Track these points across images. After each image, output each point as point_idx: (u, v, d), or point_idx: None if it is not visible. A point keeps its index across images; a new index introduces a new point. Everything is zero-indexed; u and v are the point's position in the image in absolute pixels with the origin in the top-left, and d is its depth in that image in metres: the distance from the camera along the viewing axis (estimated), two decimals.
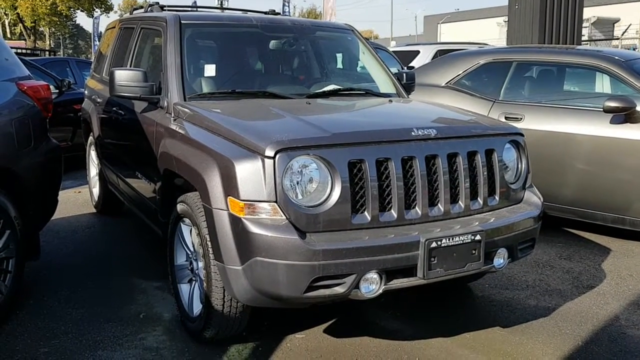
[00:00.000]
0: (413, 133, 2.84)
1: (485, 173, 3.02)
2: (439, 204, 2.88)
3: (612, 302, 3.77)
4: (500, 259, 3.02)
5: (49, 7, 35.33)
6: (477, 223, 2.94)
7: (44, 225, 3.90)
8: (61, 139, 6.44)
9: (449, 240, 2.70)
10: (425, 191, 2.81)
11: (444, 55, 6.27)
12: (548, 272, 4.30)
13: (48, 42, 49.16)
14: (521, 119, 5.10)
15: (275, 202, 2.57)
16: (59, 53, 33.50)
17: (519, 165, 3.29)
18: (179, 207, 3.15)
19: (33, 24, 37.80)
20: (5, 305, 3.32)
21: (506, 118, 5.17)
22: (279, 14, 4.96)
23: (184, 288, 3.28)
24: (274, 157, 2.56)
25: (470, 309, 3.65)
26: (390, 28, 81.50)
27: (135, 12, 4.96)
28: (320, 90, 3.73)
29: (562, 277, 4.18)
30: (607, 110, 4.61)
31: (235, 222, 2.61)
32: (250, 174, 2.58)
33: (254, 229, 2.55)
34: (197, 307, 3.11)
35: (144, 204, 3.95)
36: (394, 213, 2.76)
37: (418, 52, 12.74)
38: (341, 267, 2.56)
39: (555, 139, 4.92)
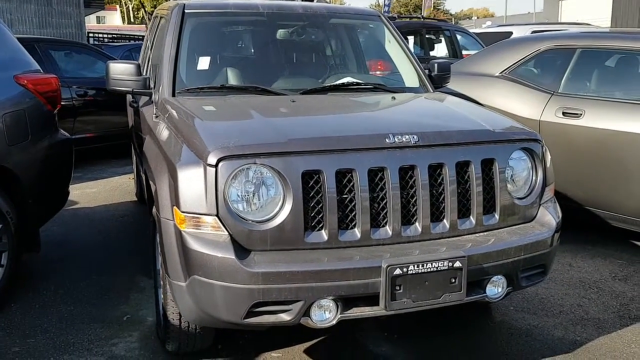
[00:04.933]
0: (387, 140, 2.46)
1: (481, 187, 2.57)
2: (416, 223, 2.49)
3: None
4: (495, 288, 2.59)
5: None
6: (470, 245, 2.52)
7: (48, 219, 3.92)
8: None
9: (418, 267, 2.31)
10: (397, 207, 2.43)
11: (501, 41, 5.64)
12: (592, 295, 3.71)
13: None
14: (581, 115, 4.44)
15: (217, 215, 2.32)
16: None
17: (533, 177, 2.79)
18: (153, 210, 2.99)
19: (152, 9, 39.90)
20: None
21: (564, 114, 4.54)
22: None
23: (161, 294, 3.13)
24: (216, 165, 2.30)
25: (480, 336, 3.20)
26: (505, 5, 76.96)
27: None
28: (319, 86, 3.40)
29: (607, 304, 3.59)
30: None
31: (178, 234, 2.40)
32: (192, 183, 2.34)
33: (191, 244, 2.32)
34: None
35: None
36: (357, 232, 2.41)
37: (511, 33, 11.82)
38: (284, 292, 2.27)
39: (620, 139, 4.23)
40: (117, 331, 3.21)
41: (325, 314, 2.36)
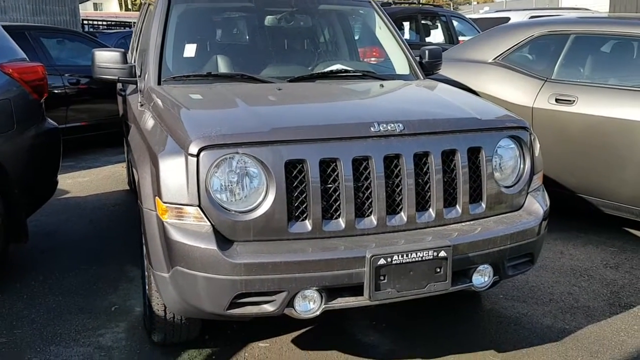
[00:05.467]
0: (372, 129, 2.42)
1: (467, 176, 2.55)
2: (401, 212, 2.46)
3: None
4: (481, 277, 2.57)
5: None
6: (456, 234, 2.49)
7: (36, 209, 3.89)
8: None
9: (402, 256, 2.29)
10: (382, 197, 2.41)
11: (495, 27, 5.58)
12: (583, 283, 3.70)
13: None
14: (574, 101, 4.40)
15: (199, 206, 2.29)
16: None
17: (521, 166, 2.76)
18: (139, 200, 2.96)
19: None
20: None
21: (557, 100, 4.50)
22: None
23: (146, 284, 3.11)
24: (197, 155, 2.27)
25: (469, 325, 3.18)
26: None
27: None
28: (306, 74, 3.36)
29: (597, 292, 3.58)
30: None
31: (160, 225, 2.37)
32: (173, 173, 2.31)
33: (173, 235, 2.30)
34: None
35: None
36: (341, 222, 2.38)
37: (508, 19, 11.74)
38: (267, 283, 2.25)
39: (613, 126, 4.19)
40: (105, 322, 3.20)
41: (309, 305, 2.34)
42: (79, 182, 6.14)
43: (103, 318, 3.24)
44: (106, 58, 3.34)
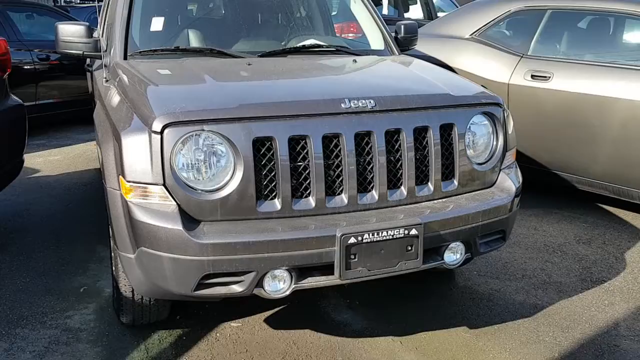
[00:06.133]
0: (343, 105, 2.37)
1: (439, 153, 2.51)
2: (373, 190, 2.42)
3: (619, 302, 3.18)
4: (453, 254, 2.55)
5: None
6: (428, 212, 2.46)
7: (0, 190, 3.78)
8: None
9: (373, 235, 2.26)
10: (353, 175, 2.36)
11: (472, 2, 5.52)
12: (556, 259, 3.72)
13: None
14: (549, 77, 4.39)
15: (164, 185, 2.22)
16: None
17: (494, 143, 2.73)
18: (103, 179, 2.88)
19: None
20: None
21: (533, 76, 4.48)
22: None
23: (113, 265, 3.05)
24: (161, 132, 2.19)
25: (442, 301, 3.18)
26: None
27: None
28: (278, 49, 3.28)
29: (569, 267, 3.60)
30: None
31: (124, 205, 2.30)
32: (137, 151, 2.23)
33: (137, 215, 2.23)
34: None
35: None
36: (311, 200, 2.34)
37: None
38: (235, 263, 2.20)
39: (587, 102, 4.19)
40: (73, 303, 3.14)
41: (279, 285, 2.30)
42: (49, 161, 6.00)
43: (72, 299, 3.17)
44: (70, 32, 3.22)
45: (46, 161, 6.00)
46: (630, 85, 3.98)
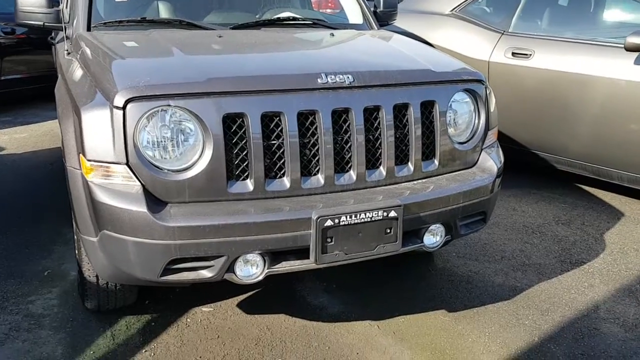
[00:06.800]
0: (319, 80, 2.24)
1: (420, 132, 2.40)
2: (350, 171, 2.31)
3: (599, 285, 3.14)
4: (433, 237, 2.47)
5: None
6: (407, 193, 2.36)
7: None
8: None
9: (350, 217, 2.15)
10: (330, 154, 2.24)
11: None
12: (535, 240, 3.67)
13: None
14: (530, 55, 4.30)
15: (127, 164, 2.08)
16: None
17: (476, 121, 2.63)
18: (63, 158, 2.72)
19: None
20: None
21: (513, 54, 4.39)
22: None
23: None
24: (123, 107, 2.04)
25: (421, 284, 3.11)
26: None
27: None
28: (252, 21, 3.12)
29: (549, 248, 3.55)
30: (629, 48, 3.76)
31: (85, 185, 2.15)
32: (98, 128, 2.08)
33: (99, 196, 2.09)
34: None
35: None
36: (286, 181, 2.21)
37: None
38: (204, 248, 2.08)
39: (567, 80, 4.11)
40: (36, 287, 2.99)
41: (251, 269, 2.19)
42: (15, 139, 5.76)
43: (35, 283, 3.02)
44: (30, 1, 3.03)
45: (12, 139, 5.76)
46: (610, 63, 3.92)
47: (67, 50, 2.90)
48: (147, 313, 2.78)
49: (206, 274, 2.14)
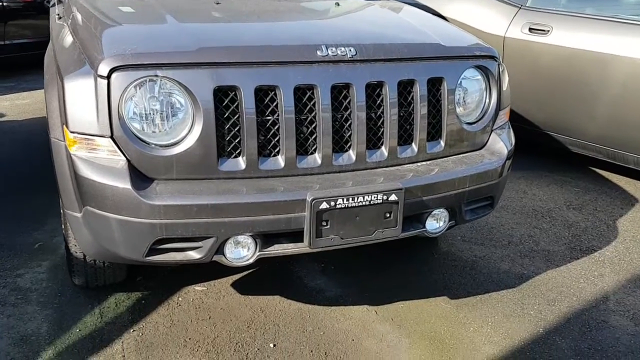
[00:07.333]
0: (319, 52, 2.09)
1: (426, 110, 2.25)
2: (350, 150, 2.18)
3: (610, 274, 3.00)
4: (436, 222, 2.34)
5: None
6: (410, 175, 2.23)
7: None
8: None
9: (347, 200, 2.03)
10: (328, 132, 2.11)
11: None
12: (545, 225, 3.53)
13: None
14: (548, 31, 4.09)
15: (111, 137, 1.96)
16: None
17: (486, 100, 2.47)
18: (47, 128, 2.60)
19: None
20: None
21: (530, 30, 4.18)
22: None
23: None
24: (108, 77, 1.91)
25: (423, 268, 2.99)
26: None
27: None
28: None
29: (558, 234, 3.41)
30: None
31: (68, 158, 2.04)
32: (81, 98, 1.95)
33: (81, 170, 1.97)
34: None
35: None
36: (280, 160, 2.09)
37: None
38: (192, 228, 1.96)
39: (586, 59, 3.91)
40: (26, 260, 2.91)
41: (241, 252, 2.08)
42: (16, 105, 5.66)
43: (24, 256, 2.94)
44: None
45: (13, 105, 5.66)
46: (633, 41, 3.71)
47: (58, 14, 2.76)
48: (138, 290, 2.69)
49: (194, 255, 2.03)
